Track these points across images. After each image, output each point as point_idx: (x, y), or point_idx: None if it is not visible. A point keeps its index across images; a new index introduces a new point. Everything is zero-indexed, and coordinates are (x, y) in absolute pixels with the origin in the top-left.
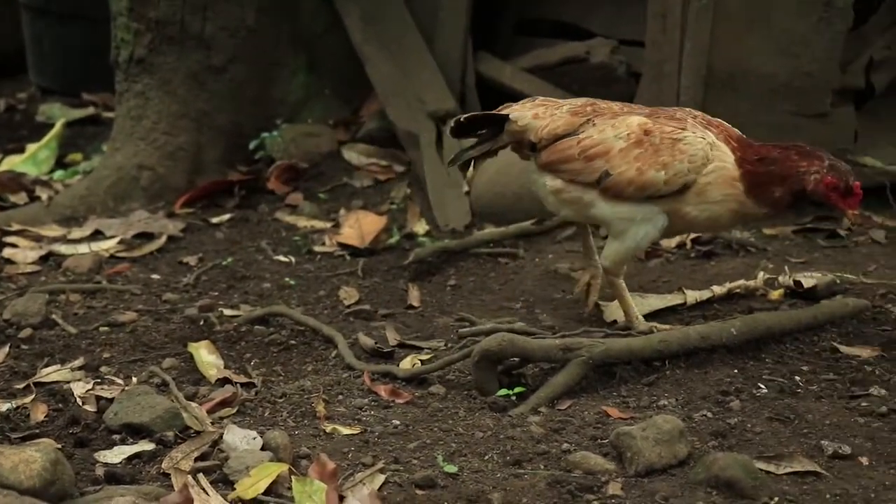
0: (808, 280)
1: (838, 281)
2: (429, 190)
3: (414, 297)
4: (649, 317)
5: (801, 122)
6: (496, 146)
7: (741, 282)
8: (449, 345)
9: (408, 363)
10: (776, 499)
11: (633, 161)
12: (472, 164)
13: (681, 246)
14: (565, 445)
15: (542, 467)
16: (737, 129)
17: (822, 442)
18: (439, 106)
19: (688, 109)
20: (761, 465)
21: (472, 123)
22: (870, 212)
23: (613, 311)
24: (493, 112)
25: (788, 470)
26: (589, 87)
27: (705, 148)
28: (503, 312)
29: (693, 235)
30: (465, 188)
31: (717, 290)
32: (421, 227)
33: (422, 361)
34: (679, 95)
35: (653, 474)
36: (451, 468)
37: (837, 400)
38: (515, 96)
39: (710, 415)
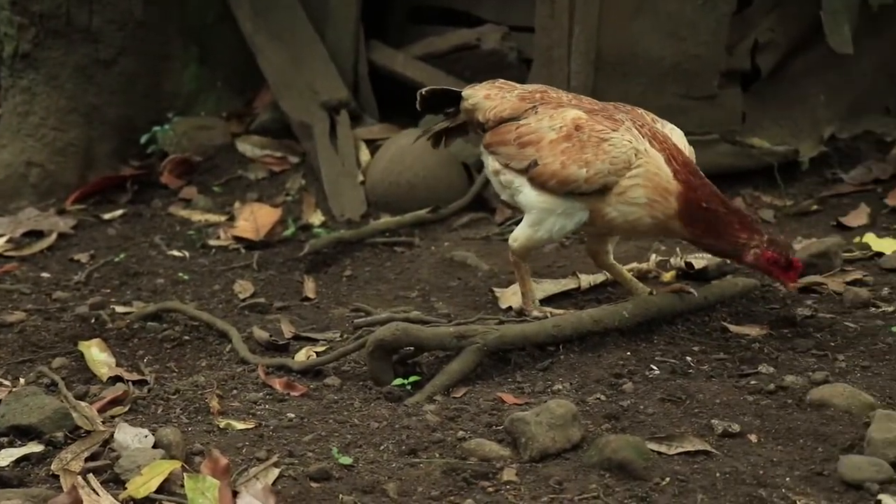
0: (699, 261)
1: (727, 261)
2: (324, 180)
3: (309, 288)
4: (545, 301)
5: (690, 105)
6: (454, 123)
7: (634, 265)
8: (344, 336)
9: (303, 355)
10: (668, 479)
11: (559, 154)
12: (442, 139)
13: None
14: (460, 433)
15: (437, 455)
16: (689, 154)
17: (713, 421)
18: (332, 96)
19: (640, 111)
20: (653, 445)
21: (436, 98)
22: (758, 192)
23: (508, 297)
24: (451, 88)
25: (680, 450)
26: (481, 74)
27: (629, 152)
28: (399, 302)
29: None
30: (360, 178)
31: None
32: (317, 218)
33: (317, 353)
34: (569, 80)
35: (547, 459)
36: (347, 459)
37: (727, 379)
38: (408, 84)
39: (603, 398)
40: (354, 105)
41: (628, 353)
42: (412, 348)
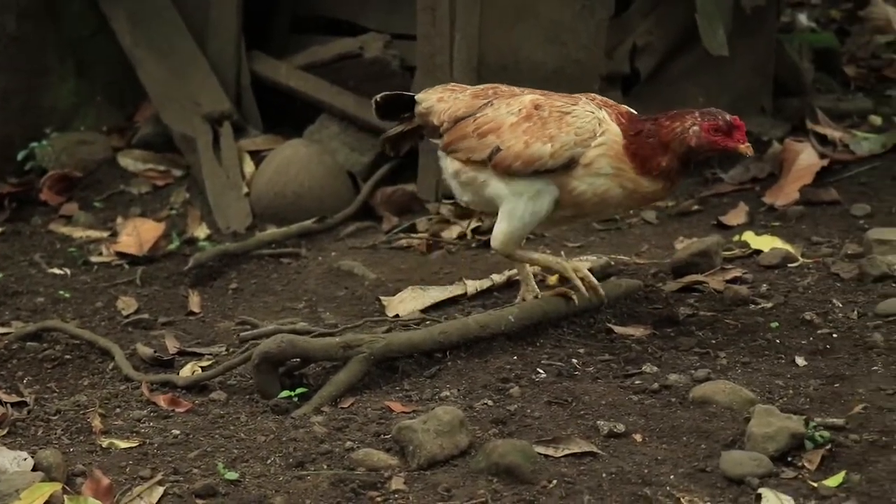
0: (584, 263)
1: (612, 263)
2: (208, 193)
3: (194, 302)
4: (431, 309)
5: None
6: (409, 128)
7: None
8: (230, 349)
9: (188, 371)
10: (554, 481)
11: (522, 135)
12: (397, 145)
13: (462, 237)
14: (348, 443)
15: (325, 467)
16: (626, 106)
17: (599, 422)
18: (214, 107)
19: (592, 95)
20: (540, 449)
21: (391, 104)
22: None
23: (395, 305)
24: (404, 93)
25: (566, 452)
26: (365, 83)
27: (592, 122)
28: (286, 313)
29: (474, 224)
30: (245, 189)
31: (497, 278)
32: (202, 232)
33: (202, 368)
34: None
35: (435, 466)
36: (233, 475)
37: (613, 380)
38: (292, 95)
39: (490, 403)
40: (237, 117)
41: (515, 358)
42: (298, 360)
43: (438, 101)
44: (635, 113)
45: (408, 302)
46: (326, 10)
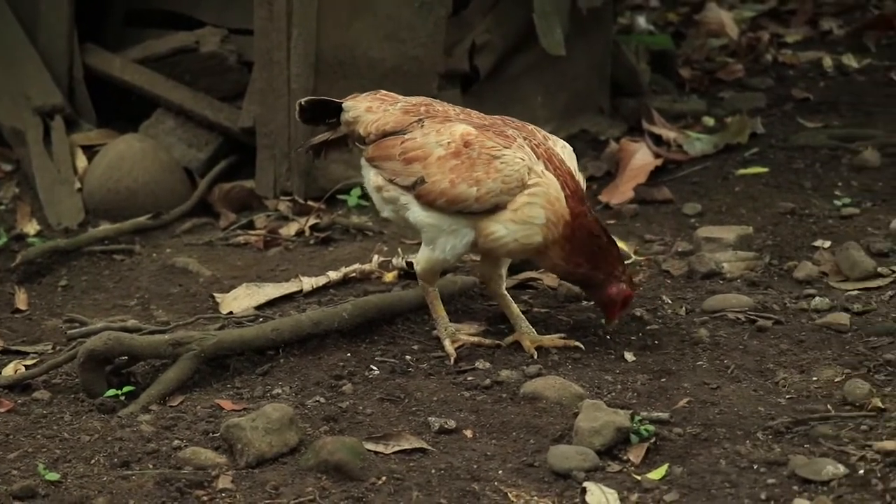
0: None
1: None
2: (38, 188)
3: (21, 300)
4: (266, 306)
5: None
6: (336, 135)
7: (356, 266)
8: (57, 348)
9: (10, 370)
10: (384, 478)
11: (448, 172)
12: (322, 152)
13: (300, 234)
14: (176, 442)
15: (150, 466)
16: (578, 176)
17: (430, 418)
18: (45, 101)
19: (531, 128)
20: (370, 445)
21: (317, 109)
22: None
23: (229, 302)
24: (331, 99)
25: (396, 448)
26: (202, 77)
27: (522, 170)
28: (117, 311)
29: (312, 221)
30: (77, 185)
31: (333, 275)
32: (32, 228)
33: (26, 367)
34: (290, 83)
35: (264, 464)
36: (54, 476)
37: (445, 376)
38: (127, 89)
39: (322, 400)
40: (70, 110)
41: (349, 355)
42: (126, 358)
43: (367, 110)
44: (579, 182)
45: (242, 299)
46: (162, 3)
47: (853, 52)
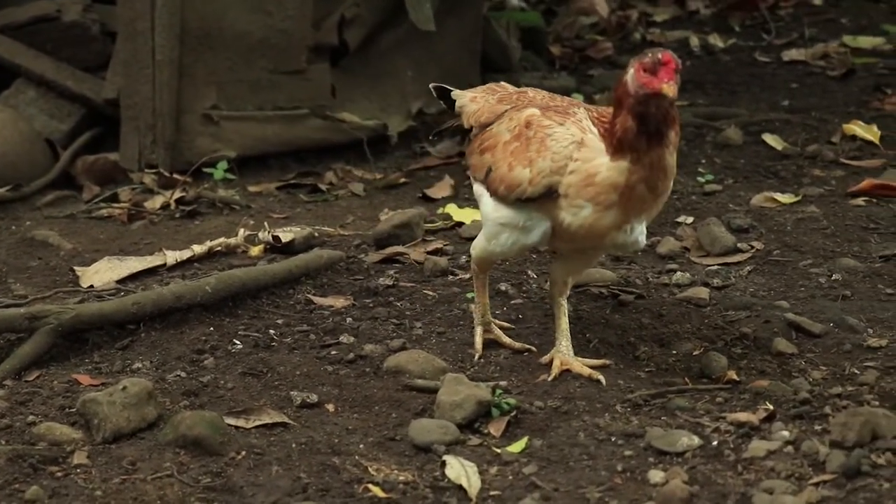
0: (286, 234)
1: (316, 234)
2: None
3: None
4: (128, 280)
5: (279, 79)
6: (457, 123)
7: (222, 240)
8: None
9: None
10: (243, 453)
11: (508, 156)
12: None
13: (165, 207)
14: (31, 418)
15: (3, 443)
16: None
17: (292, 392)
18: None
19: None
20: (231, 420)
21: (444, 95)
22: (349, 166)
23: (90, 276)
24: (449, 88)
25: (257, 423)
26: (64, 47)
27: (570, 147)
28: None
29: (178, 195)
30: None
31: (198, 249)
32: None
33: None
34: (154, 53)
35: (121, 439)
36: None
37: (309, 350)
38: None
39: (183, 374)
40: None
41: (211, 329)
42: None
43: (471, 100)
44: None
45: (103, 272)
46: None
47: (719, 33)
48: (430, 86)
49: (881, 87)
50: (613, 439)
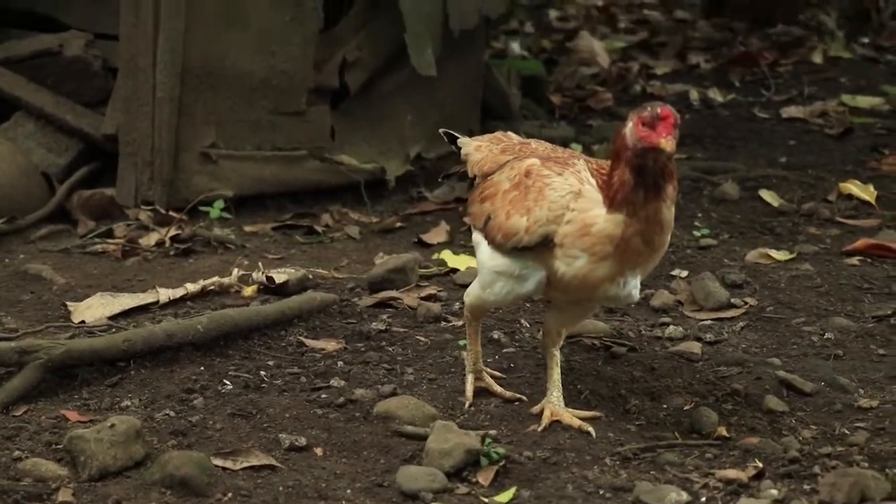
0: (280, 276)
1: (310, 276)
2: None
3: None
4: (120, 316)
5: (279, 120)
6: (464, 168)
7: (215, 279)
8: None
9: None
10: (230, 494)
11: (507, 204)
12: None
13: (160, 244)
14: (17, 453)
15: None
16: None
17: (281, 435)
18: None
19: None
20: (218, 461)
21: (453, 140)
22: (346, 209)
23: (82, 311)
24: (455, 133)
25: (245, 465)
26: (66, 82)
27: (567, 197)
28: None
29: (173, 232)
30: None
31: (191, 287)
32: None
33: None
34: (155, 91)
35: (107, 477)
36: None
37: (300, 393)
38: None
39: (172, 413)
40: None
41: (202, 368)
42: None
43: (476, 149)
44: None
45: (95, 308)
46: (25, 4)
47: (719, 87)
48: (440, 131)
49: (878, 147)
50: (602, 492)
